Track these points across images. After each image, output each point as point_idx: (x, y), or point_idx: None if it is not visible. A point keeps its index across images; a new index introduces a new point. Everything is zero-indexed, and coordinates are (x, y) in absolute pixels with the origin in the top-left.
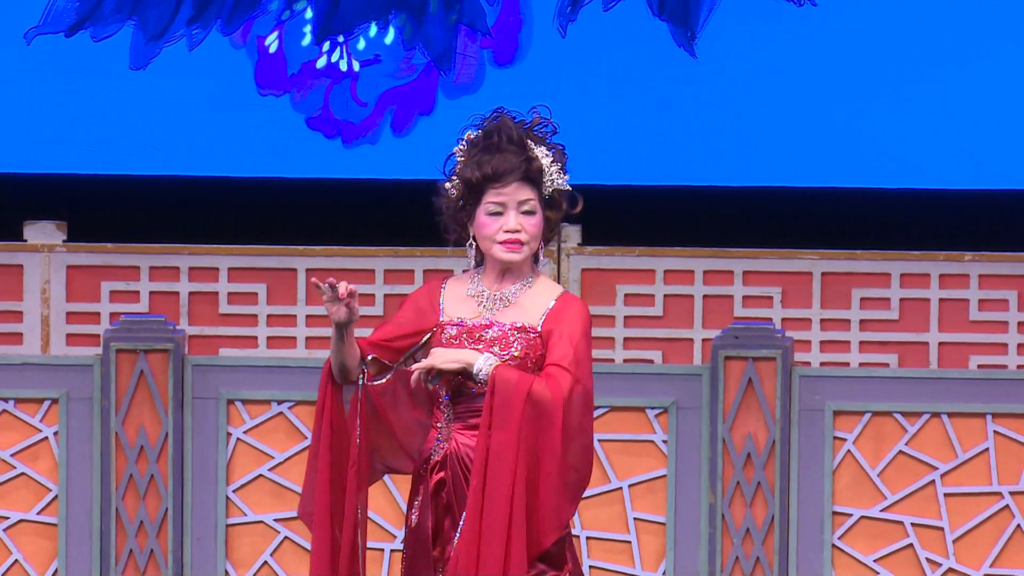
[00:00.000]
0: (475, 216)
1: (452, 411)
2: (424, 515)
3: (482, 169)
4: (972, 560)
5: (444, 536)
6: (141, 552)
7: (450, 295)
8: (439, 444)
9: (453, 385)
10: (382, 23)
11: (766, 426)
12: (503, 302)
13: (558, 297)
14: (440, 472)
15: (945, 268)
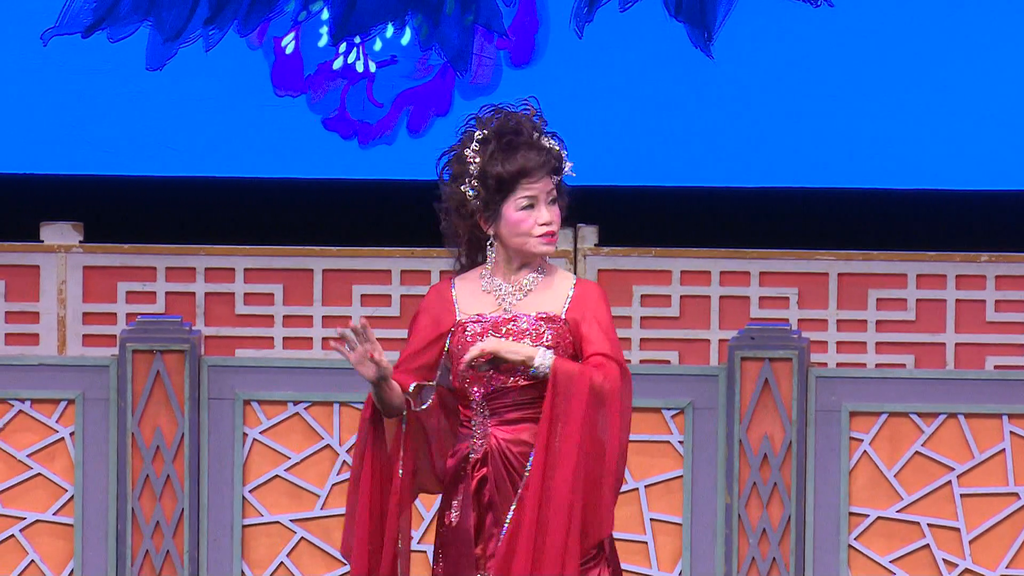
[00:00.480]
0: (502, 212)
1: (487, 408)
2: (466, 513)
3: (513, 164)
4: (988, 561)
5: (486, 533)
6: (157, 553)
7: (463, 293)
8: (476, 442)
9: (500, 374)
10: (398, 24)
11: (782, 427)
12: (520, 293)
13: (575, 284)
14: (482, 469)
15: (962, 269)
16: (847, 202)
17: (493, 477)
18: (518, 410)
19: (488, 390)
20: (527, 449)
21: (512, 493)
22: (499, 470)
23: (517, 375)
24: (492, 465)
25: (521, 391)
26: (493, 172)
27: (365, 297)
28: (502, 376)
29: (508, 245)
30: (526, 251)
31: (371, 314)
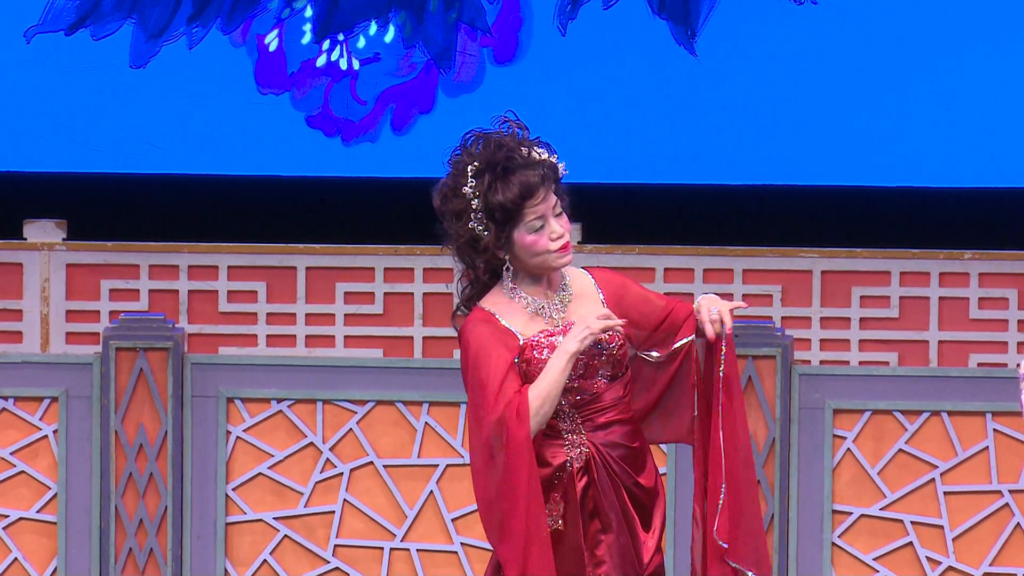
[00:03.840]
0: (514, 239)
1: (578, 416)
2: (575, 522)
3: (513, 190)
4: (972, 559)
5: (592, 539)
6: (140, 550)
7: (510, 319)
8: (575, 450)
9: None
10: (382, 21)
11: (766, 424)
12: (562, 305)
13: (593, 278)
14: (584, 477)
15: (945, 266)
16: (830, 199)
17: (598, 483)
18: (607, 413)
19: (578, 398)
20: (623, 452)
21: (615, 497)
22: (603, 476)
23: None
24: (596, 472)
25: (608, 394)
26: (496, 203)
27: (349, 295)
28: (587, 383)
29: (527, 265)
30: (547, 267)
31: (354, 312)
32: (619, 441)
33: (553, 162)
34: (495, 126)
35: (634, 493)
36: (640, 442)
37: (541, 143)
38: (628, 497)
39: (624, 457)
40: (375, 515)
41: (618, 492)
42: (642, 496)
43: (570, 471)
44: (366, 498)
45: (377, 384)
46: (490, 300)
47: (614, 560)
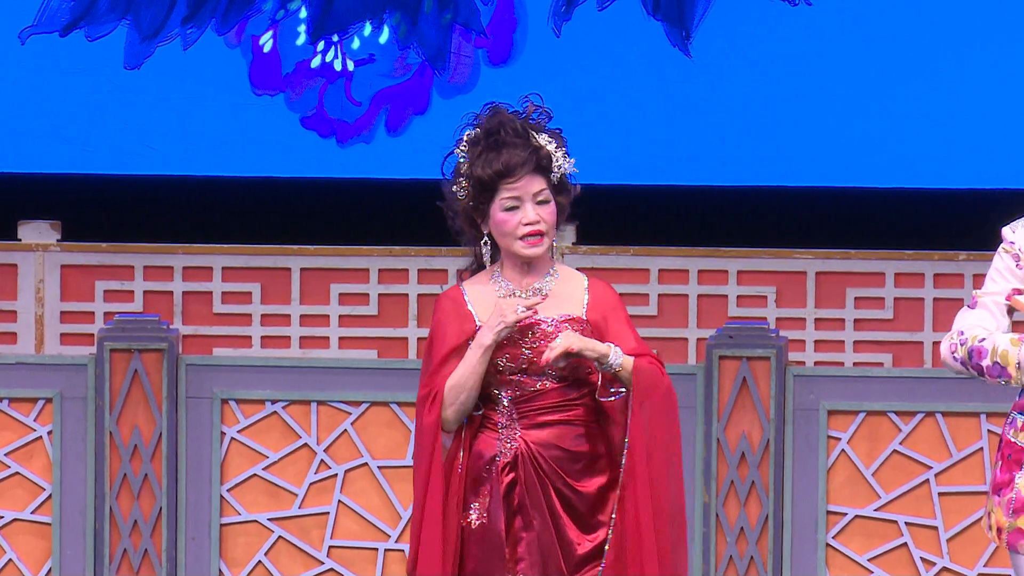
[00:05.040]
0: (489, 214)
1: (515, 411)
2: (495, 516)
3: (493, 166)
4: (966, 559)
5: (514, 536)
6: (135, 551)
7: (477, 300)
8: (504, 445)
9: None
10: (376, 22)
11: (760, 425)
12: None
13: (588, 285)
14: (511, 473)
15: (940, 268)
16: (825, 201)
17: (524, 481)
18: (547, 413)
19: (518, 393)
20: (559, 454)
21: (541, 497)
22: (530, 474)
23: (545, 378)
24: (523, 469)
25: (551, 394)
26: (476, 173)
27: (343, 296)
28: (530, 380)
29: (502, 246)
30: (513, 253)
31: (349, 313)
32: (556, 443)
33: (548, 151)
34: (523, 103)
35: (565, 495)
36: (590, 448)
37: (549, 131)
38: (558, 498)
39: (559, 459)
40: (369, 516)
41: (546, 492)
42: (575, 500)
43: (497, 465)
44: (360, 499)
45: (371, 385)
46: (474, 279)
47: (533, 558)
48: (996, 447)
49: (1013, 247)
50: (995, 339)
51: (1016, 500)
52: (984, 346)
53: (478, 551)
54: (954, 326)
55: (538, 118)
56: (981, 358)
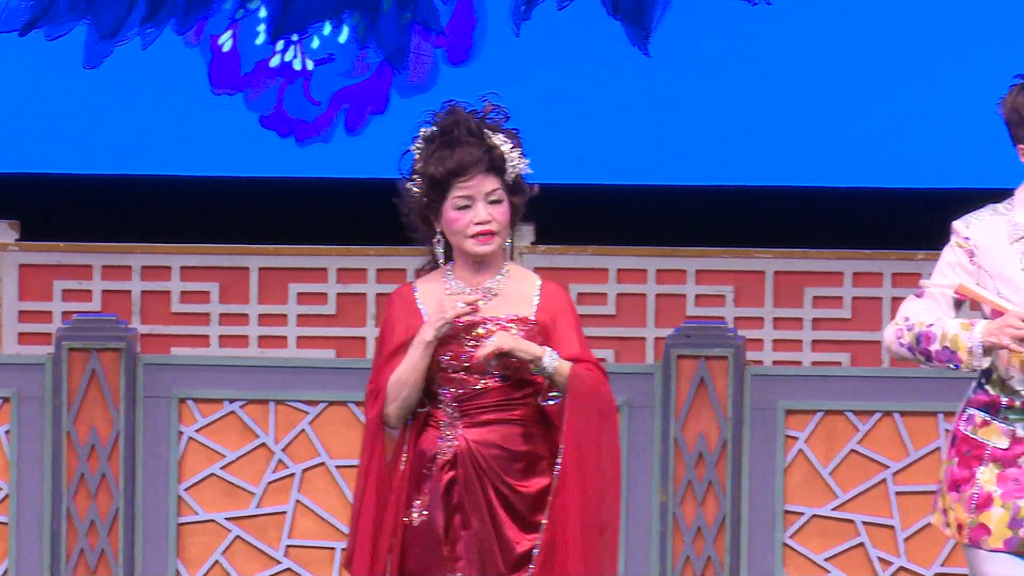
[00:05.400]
0: (442, 212)
1: (457, 409)
2: (434, 514)
3: (445, 164)
4: (923, 559)
5: (453, 534)
6: (92, 551)
7: (427, 297)
8: (446, 443)
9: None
10: (336, 22)
11: (718, 425)
12: (488, 296)
13: (540, 286)
14: (451, 471)
15: (898, 267)
16: (783, 200)
17: (463, 479)
18: (489, 412)
19: (460, 391)
20: (498, 452)
21: (480, 495)
22: (469, 472)
23: (489, 376)
24: (462, 467)
25: (493, 393)
26: (428, 172)
27: (301, 295)
28: (473, 378)
29: (454, 244)
30: (465, 251)
31: (307, 312)
32: (497, 442)
33: (502, 151)
34: (480, 103)
35: (504, 494)
36: (531, 449)
37: (505, 130)
38: (497, 497)
39: (498, 458)
40: (327, 515)
41: (485, 491)
42: (515, 499)
43: (438, 463)
44: (318, 498)
45: (330, 385)
46: (426, 278)
47: (471, 557)
48: (949, 444)
49: (968, 243)
50: (944, 324)
51: (979, 496)
52: (933, 331)
53: (418, 549)
54: (899, 313)
55: (495, 117)
56: (930, 343)
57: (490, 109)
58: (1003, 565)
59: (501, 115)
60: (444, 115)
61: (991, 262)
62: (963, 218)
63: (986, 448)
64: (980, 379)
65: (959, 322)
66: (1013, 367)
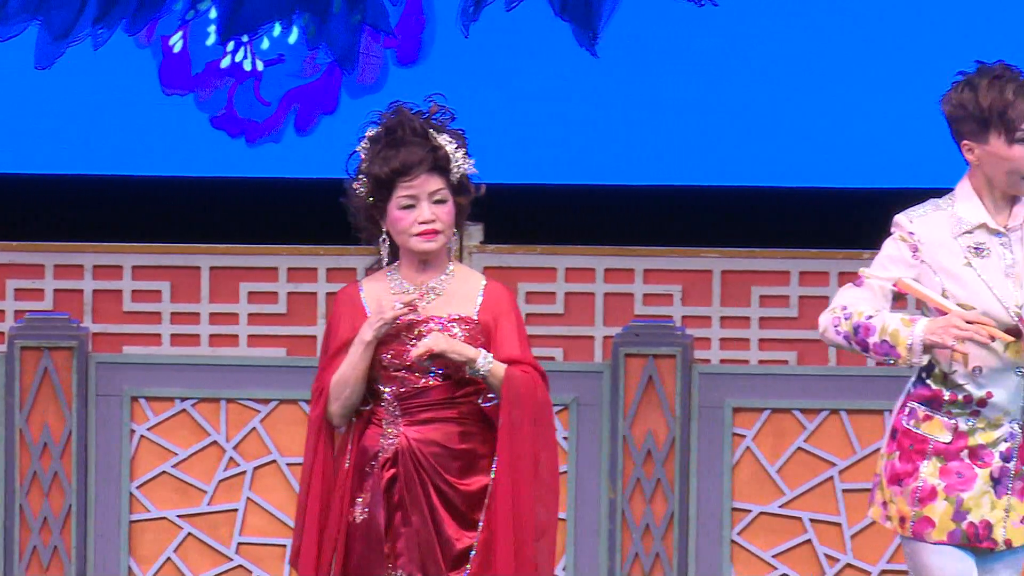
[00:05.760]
0: (387, 211)
1: (398, 407)
2: (375, 511)
3: (390, 164)
4: (870, 556)
5: (394, 531)
6: (45, 548)
7: (371, 296)
8: (387, 441)
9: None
10: (286, 23)
11: (666, 423)
12: (431, 295)
13: (484, 286)
14: (392, 469)
15: (844, 266)
16: (730, 200)
17: (403, 477)
18: (430, 410)
19: (401, 390)
20: (437, 450)
21: (420, 493)
22: (409, 470)
23: (430, 376)
24: (403, 465)
25: (435, 391)
26: (373, 171)
27: (252, 294)
28: (414, 377)
29: (399, 243)
30: (409, 249)
31: (258, 311)
32: (437, 440)
33: (447, 151)
34: (427, 103)
35: (443, 492)
36: (471, 447)
37: (451, 131)
38: (436, 495)
39: (438, 456)
40: (278, 513)
41: (424, 488)
42: (454, 497)
43: (379, 461)
44: (269, 496)
45: (280, 383)
46: (372, 277)
47: (412, 554)
48: (889, 438)
49: (912, 237)
50: (884, 317)
51: (922, 489)
52: (872, 323)
53: (360, 546)
54: (836, 300)
55: (440, 118)
56: (868, 335)
57: (436, 110)
58: (947, 557)
59: (447, 115)
60: (390, 115)
61: (935, 257)
62: (905, 212)
63: (929, 442)
64: (921, 374)
65: (900, 317)
66: (957, 362)
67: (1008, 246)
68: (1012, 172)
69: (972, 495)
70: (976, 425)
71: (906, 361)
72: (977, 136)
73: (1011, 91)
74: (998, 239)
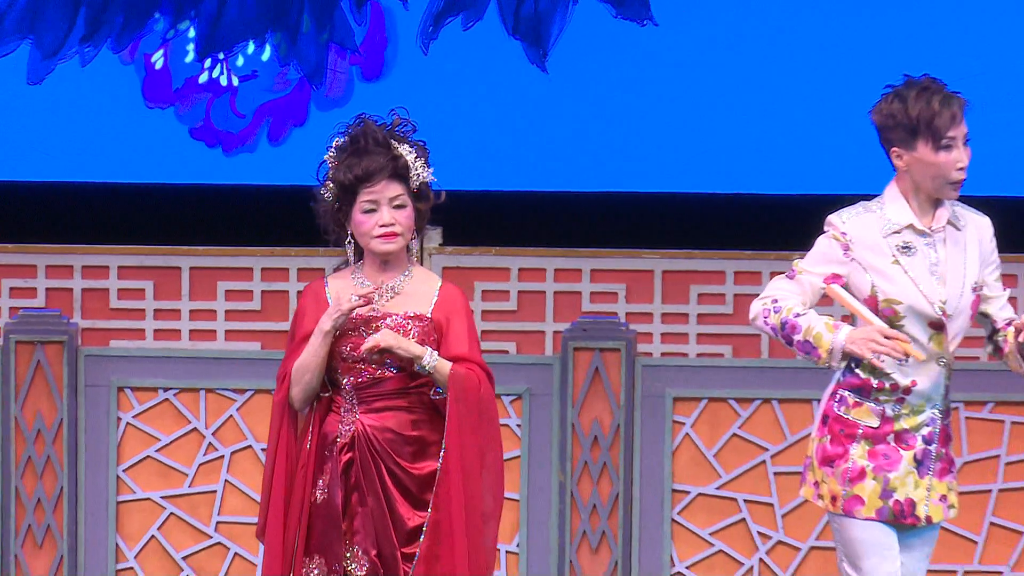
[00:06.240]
0: (351, 215)
1: (355, 396)
2: (334, 492)
3: (353, 171)
4: (799, 534)
5: (351, 510)
6: (38, 527)
7: (334, 291)
8: (345, 427)
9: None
10: (259, 41)
11: (611, 411)
12: (390, 293)
13: (440, 287)
14: (349, 453)
15: (775, 266)
16: (670, 205)
17: (359, 460)
18: (384, 399)
19: (358, 380)
20: (391, 436)
21: (375, 475)
22: (364, 454)
23: (386, 368)
24: (359, 449)
25: (390, 382)
26: (338, 178)
27: (229, 292)
28: (371, 368)
29: (361, 244)
30: (371, 250)
31: (234, 308)
32: (391, 427)
33: (407, 160)
34: (390, 116)
35: (396, 475)
36: (422, 434)
37: (412, 142)
38: (390, 477)
39: (391, 441)
40: (254, 494)
41: (379, 471)
42: (406, 479)
43: (337, 445)
44: (245, 479)
45: (256, 374)
46: (338, 275)
47: (367, 531)
48: (820, 423)
49: (845, 237)
50: (811, 319)
51: (852, 470)
52: (800, 322)
53: (321, 524)
54: (768, 290)
55: (403, 129)
56: (794, 332)
57: (399, 122)
58: (874, 531)
59: (409, 127)
60: (355, 127)
61: (865, 255)
62: (838, 213)
63: (858, 427)
64: (851, 363)
65: (825, 321)
66: None
67: (933, 246)
68: (938, 177)
69: (898, 475)
70: (901, 411)
71: (825, 363)
72: (906, 143)
73: (937, 102)
74: (924, 239)
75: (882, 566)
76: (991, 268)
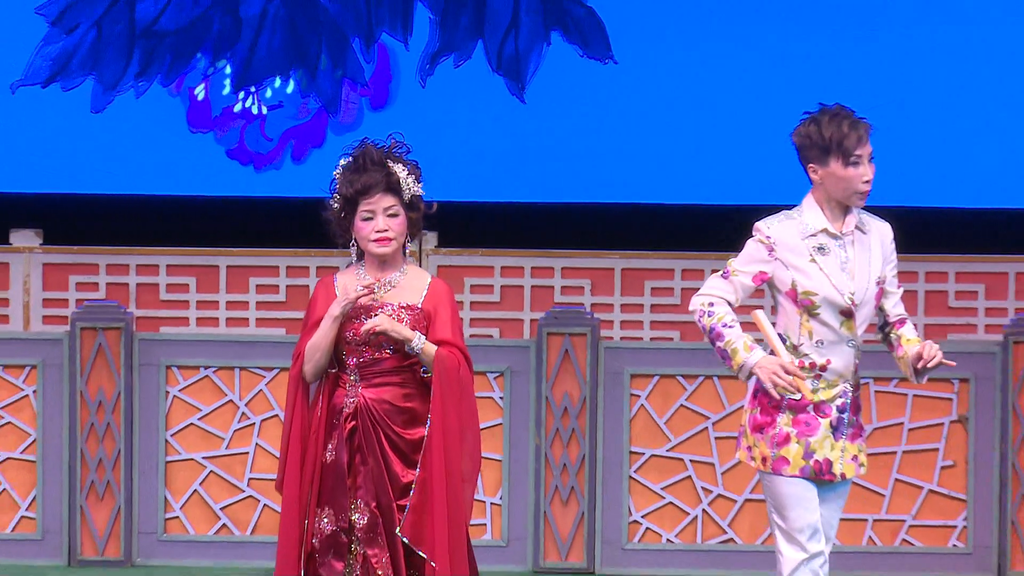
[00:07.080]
0: (354, 222)
1: (358, 373)
2: (340, 454)
3: (354, 186)
4: (736, 488)
5: (355, 469)
6: (100, 482)
7: (342, 284)
8: (349, 399)
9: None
10: (284, 77)
11: (579, 386)
12: (387, 286)
13: (429, 282)
14: (352, 421)
15: (715, 264)
16: (629, 213)
17: (361, 427)
18: (382, 376)
19: (360, 360)
20: (388, 407)
21: (375, 439)
22: (366, 422)
23: (384, 349)
24: (361, 418)
25: (388, 362)
26: (342, 192)
27: (259, 287)
28: (371, 349)
29: (361, 247)
30: (370, 252)
31: (263, 300)
32: (387, 399)
33: (399, 176)
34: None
35: (392, 439)
36: (413, 405)
37: (406, 161)
38: (387, 441)
39: (388, 411)
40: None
41: (378, 436)
42: (400, 443)
43: (343, 415)
44: (273, 442)
45: (281, 355)
46: (345, 271)
47: (368, 487)
48: (752, 396)
49: (769, 240)
50: (734, 334)
51: (779, 436)
52: (724, 333)
53: (330, 480)
54: (706, 287)
55: (399, 150)
56: (718, 339)
57: (395, 144)
58: (799, 486)
59: (404, 148)
60: (357, 148)
61: (787, 255)
62: (764, 220)
63: (783, 399)
64: None
65: (745, 340)
66: (803, 336)
67: (843, 247)
68: (847, 188)
69: (817, 439)
70: (819, 385)
71: (733, 371)
72: (820, 160)
73: (847, 126)
74: (836, 241)
75: (804, 516)
76: (891, 266)
